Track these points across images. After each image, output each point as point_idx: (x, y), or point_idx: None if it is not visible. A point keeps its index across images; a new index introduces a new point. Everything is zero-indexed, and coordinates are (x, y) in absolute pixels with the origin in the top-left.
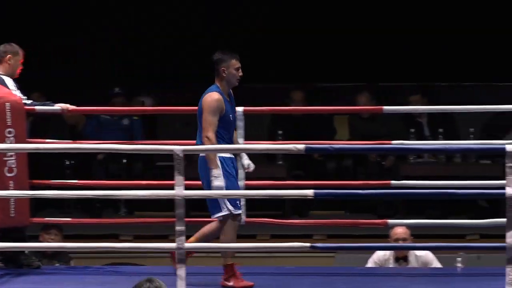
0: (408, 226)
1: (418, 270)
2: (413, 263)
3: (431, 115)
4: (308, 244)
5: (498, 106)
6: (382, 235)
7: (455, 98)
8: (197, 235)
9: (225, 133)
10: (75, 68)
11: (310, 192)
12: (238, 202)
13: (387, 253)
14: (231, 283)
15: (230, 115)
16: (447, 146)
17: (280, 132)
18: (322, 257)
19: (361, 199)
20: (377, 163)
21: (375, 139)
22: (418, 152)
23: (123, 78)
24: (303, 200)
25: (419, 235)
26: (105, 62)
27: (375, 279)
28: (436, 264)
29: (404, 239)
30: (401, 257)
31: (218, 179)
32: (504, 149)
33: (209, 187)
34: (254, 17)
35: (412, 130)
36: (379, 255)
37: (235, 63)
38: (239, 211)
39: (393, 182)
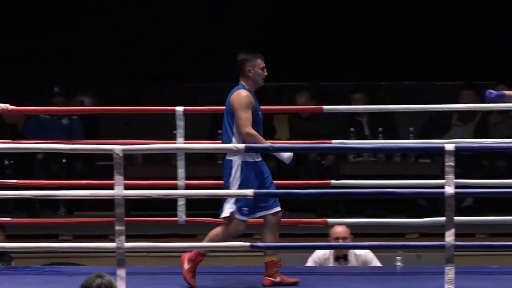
0: (348, 225)
1: (357, 269)
2: (353, 262)
3: (371, 114)
4: (248, 244)
5: (438, 106)
6: (322, 234)
7: (395, 97)
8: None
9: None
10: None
11: (250, 192)
12: (245, 209)
13: (327, 252)
14: (277, 279)
15: (259, 113)
16: (387, 145)
17: (220, 131)
18: (262, 256)
19: (301, 199)
20: (317, 163)
21: (315, 139)
22: (358, 151)
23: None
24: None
25: (359, 234)
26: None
27: (315, 278)
28: (376, 263)
29: (344, 238)
30: (341, 256)
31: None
32: (443, 148)
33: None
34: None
35: (352, 129)
36: (319, 254)
37: (260, 62)
38: (245, 218)
39: (333, 181)
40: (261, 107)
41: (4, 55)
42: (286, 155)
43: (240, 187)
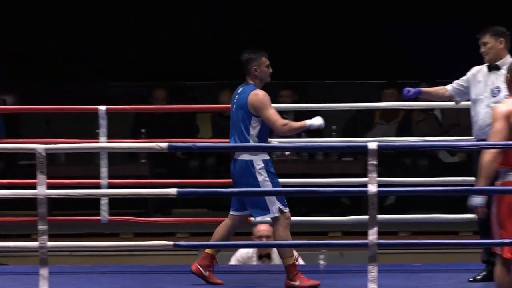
0: (271, 223)
1: (281, 267)
2: (276, 260)
3: (298, 112)
4: (171, 242)
5: (360, 104)
6: (246, 233)
7: (321, 95)
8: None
9: (266, 136)
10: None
11: (173, 191)
12: (285, 200)
13: (250, 250)
14: (297, 283)
15: None
16: (310, 144)
17: (143, 130)
18: (186, 255)
19: (224, 197)
20: None
21: None
22: (281, 150)
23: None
24: (166, 198)
25: None
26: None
27: (238, 277)
28: (299, 261)
29: (267, 237)
30: (264, 255)
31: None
32: (366, 147)
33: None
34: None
35: None
36: (242, 252)
37: (265, 60)
38: (287, 208)
39: None
40: (183, 106)
41: None
42: (317, 123)
43: (274, 185)
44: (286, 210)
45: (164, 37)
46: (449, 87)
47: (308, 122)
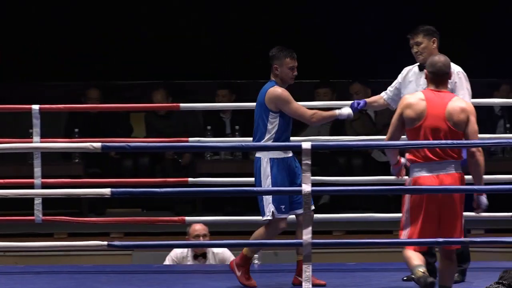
0: (206, 223)
1: (215, 267)
2: (211, 260)
3: (235, 112)
4: (105, 243)
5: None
6: (181, 233)
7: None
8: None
9: (283, 131)
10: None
11: (107, 191)
12: (283, 206)
13: (185, 250)
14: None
15: None
16: (243, 144)
17: (76, 130)
18: (120, 255)
19: (158, 197)
20: (174, 161)
21: (172, 136)
22: (214, 150)
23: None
24: (100, 198)
25: (217, 232)
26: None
27: (173, 276)
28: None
29: (204, 236)
30: (200, 254)
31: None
32: (300, 146)
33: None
34: None
35: (209, 127)
36: (177, 252)
37: (288, 61)
38: (284, 215)
39: (190, 179)
40: (116, 105)
41: None
42: (346, 113)
43: (272, 184)
44: (280, 216)
45: (98, 36)
46: (384, 95)
47: (337, 111)
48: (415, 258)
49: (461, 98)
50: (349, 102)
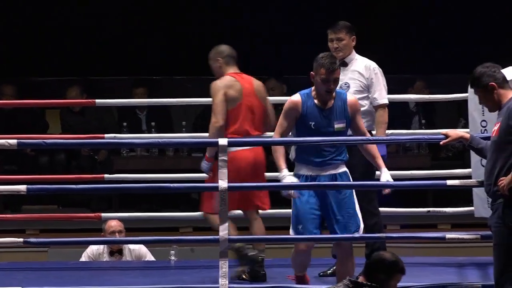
0: (122, 219)
1: (131, 263)
2: (127, 256)
3: (150, 108)
4: (21, 239)
5: (210, 99)
6: (97, 229)
7: (172, 91)
8: None
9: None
10: None
11: (22, 187)
12: (300, 227)
13: (101, 247)
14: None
15: (312, 123)
16: (161, 140)
17: None
18: (36, 252)
19: (74, 194)
20: (90, 157)
21: (87, 133)
22: (131, 146)
23: None
24: (15, 195)
25: (134, 228)
26: None
27: (89, 273)
28: (150, 257)
29: (119, 232)
30: (116, 251)
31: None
32: (217, 143)
33: None
34: None
35: (125, 123)
36: (93, 249)
37: (322, 72)
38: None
39: (106, 176)
40: (31, 101)
41: None
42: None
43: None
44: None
45: (13, 32)
46: None
47: (282, 174)
48: None
49: None
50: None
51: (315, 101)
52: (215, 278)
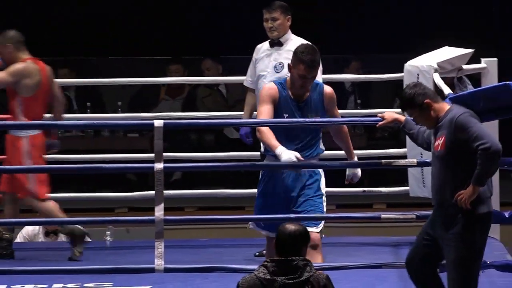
0: (57, 199)
1: (67, 244)
2: (62, 237)
3: (79, 88)
4: None
5: (144, 79)
6: (31, 210)
7: (102, 72)
8: None
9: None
10: None
11: None
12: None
13: (36, 228)
14: None
15: (286, 115)
16: (96, 122)
17: None
18: None
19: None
20: None
21: None
22: (66, 128)
23: None
24: None
25: (69, 209)
26: None
27: (24, 253)
28: (86, 238)
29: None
30: (51, 231)
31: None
32: (152, 125)
33: None
34: None
35: None
36: (28, 230)
37: (300, 67)
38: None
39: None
40: None
41: None
42: (284, 158)
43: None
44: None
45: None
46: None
47: (278, 151)
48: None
49: None
50: (199, 79)
51: (289, 92)
52: (151, 259)
